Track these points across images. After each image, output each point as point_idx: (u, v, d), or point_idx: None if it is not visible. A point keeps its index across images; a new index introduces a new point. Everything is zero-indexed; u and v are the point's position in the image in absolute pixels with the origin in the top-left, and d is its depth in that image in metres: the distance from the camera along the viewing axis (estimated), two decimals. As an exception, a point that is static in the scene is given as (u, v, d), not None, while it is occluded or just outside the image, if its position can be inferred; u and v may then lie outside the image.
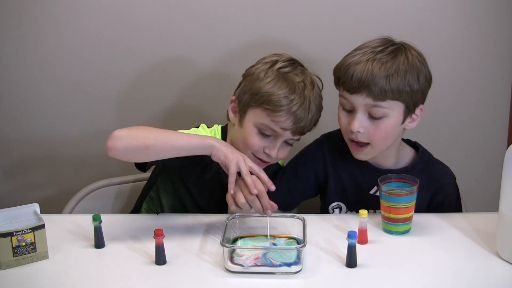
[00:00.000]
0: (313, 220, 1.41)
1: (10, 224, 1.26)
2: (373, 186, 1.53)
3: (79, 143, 2.03)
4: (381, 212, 1.38)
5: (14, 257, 1.22)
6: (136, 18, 1.90)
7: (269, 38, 1.89)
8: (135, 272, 1.22)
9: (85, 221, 1.38)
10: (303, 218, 1.32)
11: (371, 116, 1.42)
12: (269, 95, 1.44)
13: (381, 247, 1.32)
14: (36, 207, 1.31)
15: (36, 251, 1.25)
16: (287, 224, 1.34)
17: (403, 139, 1.56)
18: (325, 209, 1.59)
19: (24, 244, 1.23)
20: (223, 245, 1.21)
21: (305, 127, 1.48)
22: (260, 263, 1.21)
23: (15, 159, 2.06)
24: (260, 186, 1.30)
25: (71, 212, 1.65)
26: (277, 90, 1.45)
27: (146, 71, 1.96)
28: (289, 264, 1.21)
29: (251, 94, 1.47)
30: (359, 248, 1.24)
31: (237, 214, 1.34)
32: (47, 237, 1.26)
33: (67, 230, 1.39)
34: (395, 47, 1.44)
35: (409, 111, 1.45)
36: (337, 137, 1.59)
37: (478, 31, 1.91)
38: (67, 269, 1.24)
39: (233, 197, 1.32)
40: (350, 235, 1.20)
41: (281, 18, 1.89)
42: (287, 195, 1.58)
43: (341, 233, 1.37)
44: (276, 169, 1.65)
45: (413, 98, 1.43)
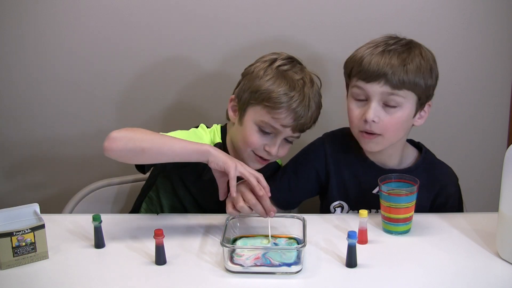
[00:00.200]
0: (313, 220, 1.41)
1: (10, 224, 1.26)
2: (376, 186, 1.52)
3: (79, 143, 2.03)
4: (381, 212, 1.38)
5: (14, 257, 1.22)
6: (136, 18, 1.90)
7: (268, 38, 1.89)
8: (135, 272, 1.22)
9: (85, 221, 1.38)
10: (303, 218, 1.32)
11: (386, 106, 1.42)
12: (269, 92, 1.44)
13: (381, 247, 1.32)
14: (36, 207, 1.31)
15: (36, 251, 1.25)
16: (287, 224, 1.34)
17: (406, 140, 1.56)
18: (326, 208, 1.58)
19: (24, 244, 1.23)
20: (223, 245, 1.21)
21: (305, 124, 1.48)
22: (260, 263, 1.21)
23: (15, 159, 2.06)
24: (263, 189, 1.30)
25: (71, 212, 1.65)
26: (276, 87, 1.45)
27: (146, 71, 1.96)
28: (289, 264, 1.21)
29: (251, 92, 1.47)
30: (359, 248, 1.24)
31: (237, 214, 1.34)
32: (47, 237, 1.26)
33: (67, 230, 1.39)
34: (406, 41, 1.47)
35: (420, 104, 1.46)
36: (340, 136, 1.59)
37: (478, 31, 1.91)
38: (67, 269, 1.24)
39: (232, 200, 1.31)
40: (350, 235, 1.20)
41: (281, 18, 1.89)
42: (287, 194, 1.58)
43: (341, 233, 1.37)
44: (274, 168, 1.65)
45: (425, 92, 1.44)
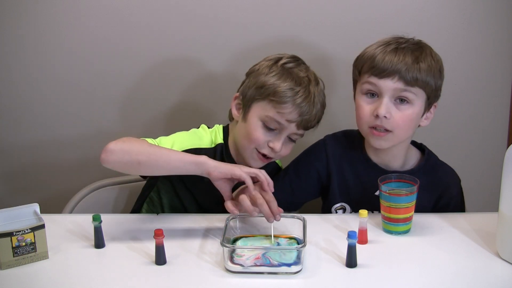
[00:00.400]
0: (313, 220, 1.41)
1: (10, 224, 1.26)
2: None
3: (79, 143, 2.03)
4: (381, 212, 1.38)
5: (14, 257, 1.22)
6: (136, 18, 1.90)
7: (271, 39, 1.89)
8: (135, 272, 1.22)
9: (85, 221, 1.38)
10: (303, 218, 1.32)
11: (397, 103, 1.43)
12: (274, 87, 1.45)
13: (381, 247, 1.32)
14: (36, 207, 1.31)
15: (36, 251, 1.25)
16: (287, 224, 1.34)
17: None
18: (327, 210, 1.58)
19: (24, 244, 1.23)
20: (223, 245, 1.21)
21: (309, 121, 1.48)
22: (260, 263, 1.21)
23: (15, 159, 2.05)
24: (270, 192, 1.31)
25: (71, 212, 1.65)
26: (282, 82, 1.46)
27: (146, 71, 1.95)
28: (289, 264, 1.21)
29: (256, 88, 1.48)
30: (359, 248, 1.24)
31: (237, 214, 1.34)
32: (47, 237, 1.26)
33: (67, 230, 1.39)
34: (416, 41, 1.48)
35: (428, 104, 1.47)
36: (342, 137, 1.59)
37: (478, 31, 1.91)
38: (67, 269, 1.24)
39: (237, 202, 1.32)
40: (350, 235, 1.20)
41: (285, 18, 1.88)
42: (289, 195, 1.57)
43: (341, 233, 1.37)
44: (273, 168, 1.64)
45: (434, 92, 1.46)
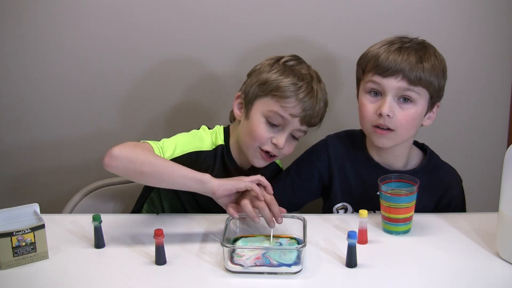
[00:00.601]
0: (313, 220, 1.41)
1: (10, 224, 1.26)
2: None
3: (80, 143, 2.03)
4: (381, 212, 1.38)
5: (14, 257, 1.22)
6: (136, 18, 1.90)
7: (272, 39, 1.89)
8: (135, 272, 1.22)
9: (85, 221, 1.38)
10: (303, 218, 1.32)
11: (400, 102, 1.44)
12: (277, 82, 1.46)
13: (381, 247, 1.32)
14: (36, 207, 1.31)
15: (36, 251, 1.25)
16: (287, 224, 1.34)
17: None
18: (328, 210, 1.58)
19: (24, 244, 1.23)
20: (223, 245, 1.21)
21: (312, 117, 1.49)
22: (260, 263, 1.21)
23: (15, 158, 2.05)
24: (266, 195, 1.31)
25: (71, 212, 1.65)
26: (284, 78, 1.47)
27: (146, 71, 1.95)
28: (289, 264, 1.20)
29: (259, 85, 1.49)
30: (359, 248, 1.24)
31: (237, 217, 1.34)
32: (47, 237, 1.26)
33: (67, 230, 1.39)
34: (420, 41, 1.48)
35: (431, 104, 1.47)
36: (344, 137, 1.59)
37: (478, 31, 1.91)
38: (67, 269, 1.24)
39: (238, 207, 1.32)
40: (350, 235, 1.20)
41: (284, 18, 1.88)
42: (291, 196, 1.57)
43: (341, 233, 1.37)
44: (274, 169, 1.64)
45: (437, 92, 1.46)
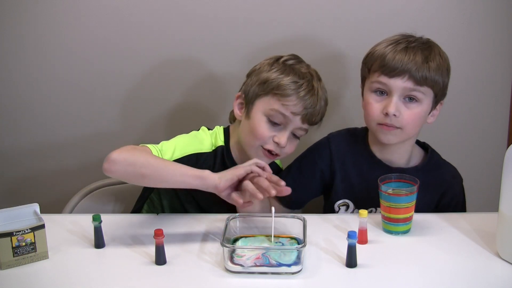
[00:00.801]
0: (313, 220, 1.41)
1: (10, 224, 1.26)
2: None
3: (80, 143, 2.03)
4: (381, 212, 1.38)
5: (14, 257, 1.22)
6: (136, 18, 1.89)
7: (272, 39, 1.88)
8: (135, 272, 1.22)
9: (85, 221, 1.38)
10: (303, 218, 1.32)
11: (406, 101, 1.44)
12: (278, 80, 1.46)
13: (381, 247, 1.32)
14: (36, 207, 1.31)
15: (36, 251, 1.25)
16: (287, 224, 1.34)
17: None
18: (330, 207, 1.58)
19: (24, 244, 1.23)
20: (223, 245, 1.21)
21: (314, 115, 1.49)
22: (260, 263, 1.21)
23: (15, 158, 2.05)
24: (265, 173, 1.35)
25: (71, 212, 1.65)
26: (285, 76, 1.47)
27: (146, 71, 1.95)
28: (289, 264, 1.20)
29: (259, 84, 1.49)
30: (359, 248, 1.24)
31: (237, 214, 1.35)
32: (47, 237, 1.26)
33: (67, 230, 1.39)
34: (425, 39, 1.49)
35: (435, 102, 1.48)
36: (346, 135, 1.59)
37: (478, 31, 1.91)
38: (67, 269, 1.24)
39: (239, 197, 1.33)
40: (350, 235, 1.20)
41: (284, 18, 1.88)
42: (292, 193, 1.56)
43: (341, 233, 1.37)
44: (274, 170, 1.64)
45: (441, 90, 1.47)
